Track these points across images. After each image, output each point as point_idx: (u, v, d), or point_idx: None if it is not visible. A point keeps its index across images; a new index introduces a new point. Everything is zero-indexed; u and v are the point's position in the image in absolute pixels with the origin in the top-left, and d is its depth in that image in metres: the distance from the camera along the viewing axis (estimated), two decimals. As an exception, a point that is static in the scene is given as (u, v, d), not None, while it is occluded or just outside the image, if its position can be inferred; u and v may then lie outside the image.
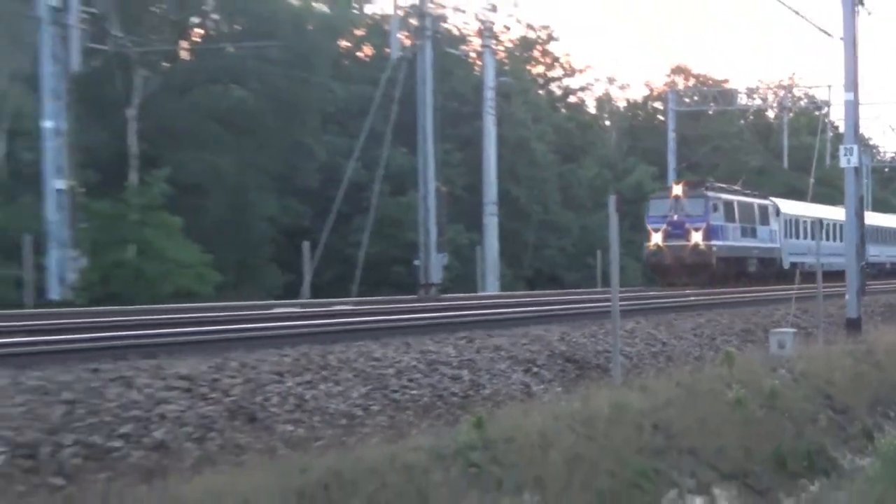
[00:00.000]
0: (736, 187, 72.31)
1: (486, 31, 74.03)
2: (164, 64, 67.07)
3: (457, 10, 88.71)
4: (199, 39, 72.92)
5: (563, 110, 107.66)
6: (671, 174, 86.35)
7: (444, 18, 78.33)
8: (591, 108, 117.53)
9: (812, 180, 62.93)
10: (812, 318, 36.87)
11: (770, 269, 69.34)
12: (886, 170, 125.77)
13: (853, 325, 38.16)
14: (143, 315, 31.59)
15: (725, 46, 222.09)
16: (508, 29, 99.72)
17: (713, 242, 60.41)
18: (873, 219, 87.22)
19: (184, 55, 71.01)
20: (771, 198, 75.46)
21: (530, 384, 23.66)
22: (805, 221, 76.48)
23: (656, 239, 60.41)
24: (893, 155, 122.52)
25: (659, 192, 65.36)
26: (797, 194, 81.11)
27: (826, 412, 22.41)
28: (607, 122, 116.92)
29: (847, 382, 24.83)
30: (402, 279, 59.86)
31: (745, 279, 64.56)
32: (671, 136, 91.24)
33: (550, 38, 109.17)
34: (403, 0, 52.19)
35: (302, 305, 38.45)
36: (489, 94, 65.20)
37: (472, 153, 71.09)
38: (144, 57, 61.29)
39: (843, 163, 42.96)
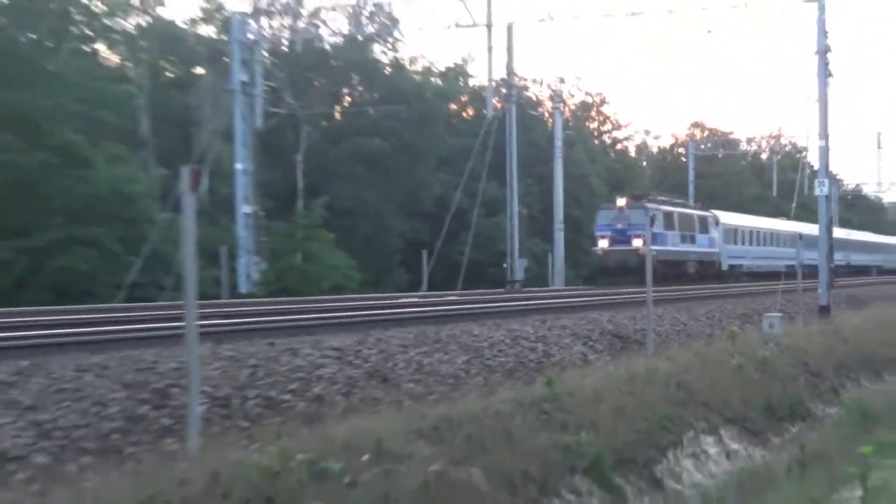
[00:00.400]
0: (678, 200, 67.20)
1: (556, 98, 74.18)
2: (323, 122, 67.42)
3: (535, 81, 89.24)
4: (347, 104, 73.31)
5: (612, 154, 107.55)
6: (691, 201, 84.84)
7: (525, 88, 79.23)
8: (632, 152, 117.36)
9: (794, 205, 61.99)
10: (794, 305, 36.48)
11: (710, 271, 62.61)
12: (849, 197, 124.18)
13: (824, 311, 37.90)
14: (307, 303, 31.72)
15: (732, 105, 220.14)
16: (573, 95, 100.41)
17: (652, 247, 51.67)
18: (812, 230, 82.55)
19: (337, 115, 71.43)
20: (712, 210, 68.66)
21: (587, 354, 23.55)
22: (743, 231, 71.14)
23: (603, 244, 54.30)
24: (854, 186, 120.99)
25: (606, 205, 58.05)
26: (784, 215, 79.54)
27: (804, 374, 22.17)
28: (644, 163, 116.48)
29: (819, 353, 24.57)
30: (494, 277, 59.51)
31: (686, 279, 57.68)
32: (691, 173, 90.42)
33: (603, 101, 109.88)
34: (496, 74, 51.96)
35: (421, 297, 38.44)
36: (558, 144, 65.08)
37: (545, 186, 70.79)
38: (308, 117, 61.65)
39: (817, 192, 42.81)
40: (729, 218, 69.33)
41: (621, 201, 55.77)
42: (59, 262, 42.93)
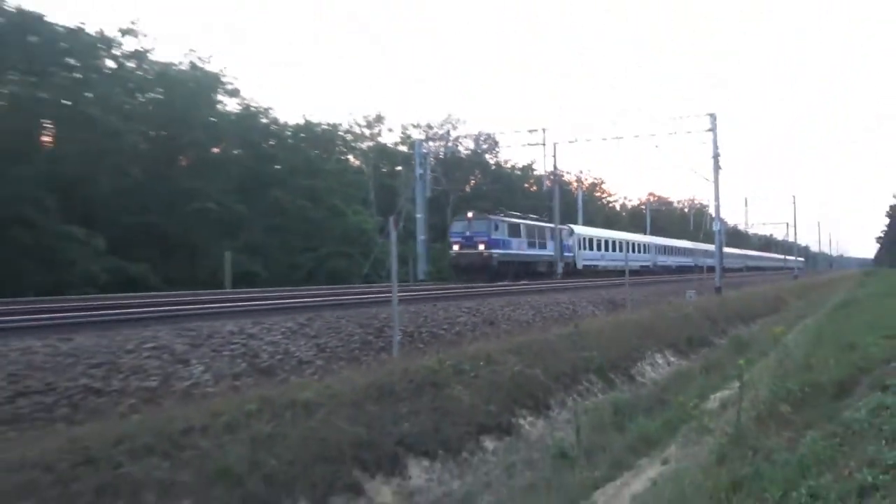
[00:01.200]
0: (532, 215, 46.72)
1: (578, 180, 73.49)
2: (460, 193, 67.34)
3: (567, 172, 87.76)
4: (472, 184, 73.24)
5: (606, 209, 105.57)
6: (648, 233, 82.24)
7: (563, 175, 77.51)
8: (618, 208, 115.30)
9: (701, 234, 60.35)
10: (702, 286, 35.45)
11: (566, 269, 45.45)
12: (730, 230, 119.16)
13: (718, 290, 36.57)
14: (452, 285, 31.74)
15: (671, 182, 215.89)
16: (587, 179, 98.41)
17: (493, 251, 37.10)
18: (667, 242, 69.27)
19: (467, 189, 71.30)
20: (570, 224, 50.79)
21: (595, 311, 23.16)
22: (596, 239, 52.40)
23: (455, 248, 37.48)
24: (733, 224, 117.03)
25: (459, 216, 40.30)
26: (696, 240, 76.94)
27: (708, 322, 21.52)
28: (623, 214, 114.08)
29: (716, 311, 23.84)
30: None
31: (537, 276, 41.24)
32: (648, 220, 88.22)
33: (602, 182, 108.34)
34: (547, 168, 51.08)
35: (509, 282, 38.01)
36: (580, 204, 64.28)
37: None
38: (453, 191, 61.65)
39: (713, 228, 41.53)
40: (582, 230, 52.41)
41: (469, 214, 39.61)
42: (329, 264, 43.85)
